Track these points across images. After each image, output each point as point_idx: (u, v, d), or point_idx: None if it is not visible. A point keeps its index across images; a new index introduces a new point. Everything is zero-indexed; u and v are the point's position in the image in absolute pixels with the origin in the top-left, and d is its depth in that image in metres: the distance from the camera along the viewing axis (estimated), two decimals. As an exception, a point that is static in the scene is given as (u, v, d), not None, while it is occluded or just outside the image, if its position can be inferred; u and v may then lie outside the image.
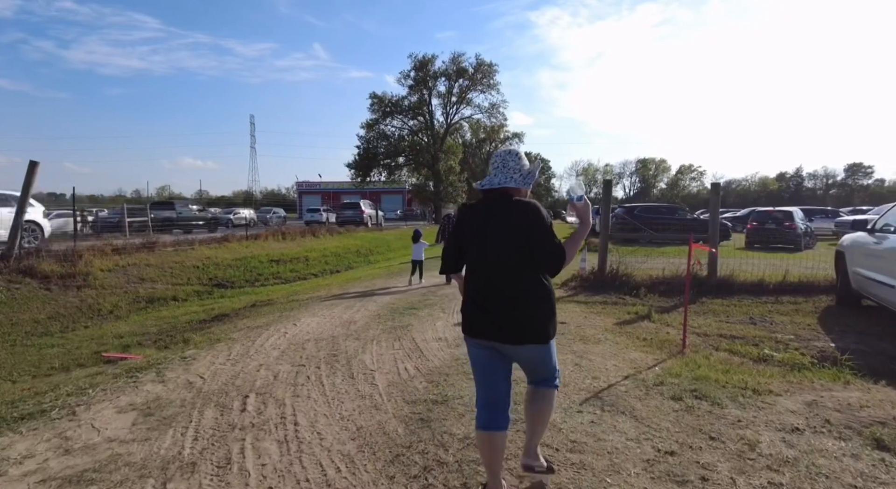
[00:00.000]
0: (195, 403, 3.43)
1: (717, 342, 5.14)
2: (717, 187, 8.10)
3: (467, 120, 46.89)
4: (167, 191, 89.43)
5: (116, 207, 23.55)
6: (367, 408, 3.34)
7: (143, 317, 8.12)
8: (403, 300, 7.39)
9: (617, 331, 5.47)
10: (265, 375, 4.03)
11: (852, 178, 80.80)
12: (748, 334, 5.43)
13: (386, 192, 59.39)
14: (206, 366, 4.27)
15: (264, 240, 16.29)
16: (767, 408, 3.19)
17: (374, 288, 8.98)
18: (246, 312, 7.28)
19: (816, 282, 7.96)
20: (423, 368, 4.12)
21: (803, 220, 18.69)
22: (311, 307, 7.06)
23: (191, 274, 11.16)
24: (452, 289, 8.45)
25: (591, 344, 4.85)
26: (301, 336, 5.27)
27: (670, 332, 5.48)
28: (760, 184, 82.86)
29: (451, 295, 7.86)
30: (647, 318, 6.14)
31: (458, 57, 41.85)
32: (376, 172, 43.64)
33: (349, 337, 5.17)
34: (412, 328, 5.50)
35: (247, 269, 12.35)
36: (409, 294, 8.05)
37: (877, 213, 21.47)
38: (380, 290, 8.61)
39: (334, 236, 20.03)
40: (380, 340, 5.01)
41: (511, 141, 61.51)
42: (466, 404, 3.32)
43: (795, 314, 6.51)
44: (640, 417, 3.09)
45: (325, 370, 4.13)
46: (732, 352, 4.72)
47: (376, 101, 41.91)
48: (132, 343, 5.93)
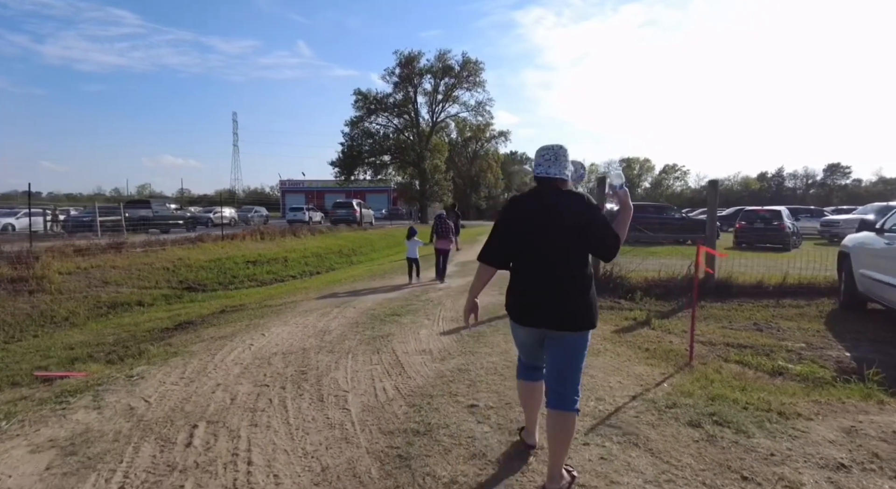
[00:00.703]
0: (131, 437, 2.88)
1: (725, 352, 4.73)
2: (716, 184, 7.73)
3: (453, 118, 46.47)
4: (147, 189, 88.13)
5: (90, 206, 22.62)
6: (336, 440, 2.83)
7: (102, 324, 7.47)
8: (385, 305, 6.87)
9: (617, 341, 5.03)
10: (221, 398, 3.50)
11: (831, 177, 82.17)
12: (756, 342, 5.04)
13: (371, 191, 58.54)
14: (154, 387, 3.72)
15: (241, 240, 15.61)
16: (801, 437, 2.76)
17: (355, 290, 8.45)
18: (213, 319, 6.69)
19: (817, 284, 7.65)
20: (404, 388, 3.62)
21: (790, 219, 18.58)
22: (284, 314, 6.51)
23: (160, 276, 10.49)
24: (440, 293, 7.96)
25: (591, 355, 4.39)
26: (268, 349, 4.73)
27: (673, 341, 5.06)
28: (743, 183, 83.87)
29: (438, 299, 7.38)
30: (647, 325, 5.72)
31: (444, 54, 41.45)
32: (361, 171, 42.89)
33: (322, 349, 4.64)
34: (393, 338, 4.99)
35: (221, 271, 11.70)
36: (391, 298, 7.54)
37: (861, 212, 21.59)
38: (362, 293, 8.08)
39: (316, 236, 19.40)
40: (356, 354, 4.49)
41: (497, 140, 61.34)
42: (453, 435, 2.84)
43: (801, 319, 6.16)
44: (656, 451, 2.63)
45: (291, 391, 3.61)
46: (744, 364, 4.31)
47: (361, 98, 41.23)
48: (82, 356, 5.33)
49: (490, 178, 66.64)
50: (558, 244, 2.22)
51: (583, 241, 2.22)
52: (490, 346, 4.68)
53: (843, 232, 19.73)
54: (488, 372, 3.96)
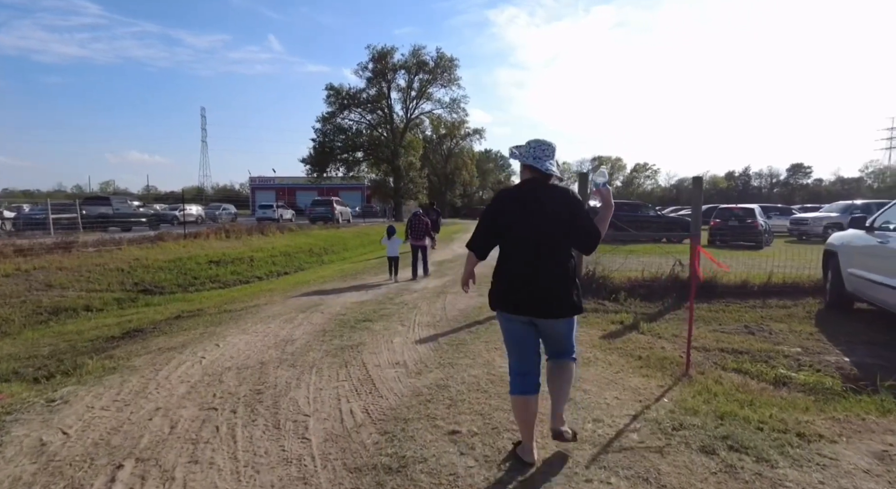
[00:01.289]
0: (33, 485, 2.34)
1: (721, 359, 4.42)
2: (700, 181, 7.48)
3: (428, 115, 45.71)
4: (112, 186, 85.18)
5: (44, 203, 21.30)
6: (291, 482, 2.35)
7: (40, 333, 6.73)
8: (356, 309, 6.37)
9: (606, 348, 4.67)
10: (159, 426, 2.96)
11: (794, 177, 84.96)
12: (752, 347, 4.76)
13: (344, 188, 57.45)
14: (78, 414, 3.15)
15: (205, 238, 14.78)
16: (831, 467, 2.42)
17: (324, 292, 7.91)
18: (166, 326, 6.07)
19: (801, 283, 7.50)
20: (375, 410, 3.16)
21: (762, 217, 18.80)
22: (244, 320, 5.94)
23: (113, 278, 9.69)
24: (415, 295, 7.50)
25: (583, 366, 4.02)
26: (221, 362, 4.18)
27: (666, 347, 4.73)
28: (710, 182, 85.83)
29: (413, 302, 6.92)
30: (636, 329, 5.39)
31: (419, 50, 40.80)
32: (333, 167, 41.86)
33: (283, 363, 4.13)
34: (363, 349, 4.51)
35: (181, 272, 10.93)
36: (363, 301, 7.04)
37: (827, 210, 22.08)
38: (331, 295, 7.54)
39: (285, 234, 18.63)
40: (321, 368, 3.99)
41: (472, 137, 61.00)
42: (432, 471, 2.39)
43: (790, 320, 5.94)
44: (670, 487, 2.25)
45: (243, 416, 3.10)
46: (744, 373, 4.00)
47: (333, 94, 40.22)
48: (5, 372, 4.66)
49: (465, 175, 66.34)
50: (547, 235, 2.31)
51: (566, 233, 2.33)
52: (471, 357, 4.25)
53: (812, 230, 20.20)
54: (470, 388, 3.53)
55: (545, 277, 2.30)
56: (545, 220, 2.31)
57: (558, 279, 2.31)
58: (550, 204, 2.32)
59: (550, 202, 2.32)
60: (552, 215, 2.31)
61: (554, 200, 2.33)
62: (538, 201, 2.33)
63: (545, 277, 2.30)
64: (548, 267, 2.30)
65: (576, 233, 2.33)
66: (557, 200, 2.33)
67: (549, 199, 2.33)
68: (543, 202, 2.33)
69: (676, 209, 33.20)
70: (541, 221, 2.31)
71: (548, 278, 2.30)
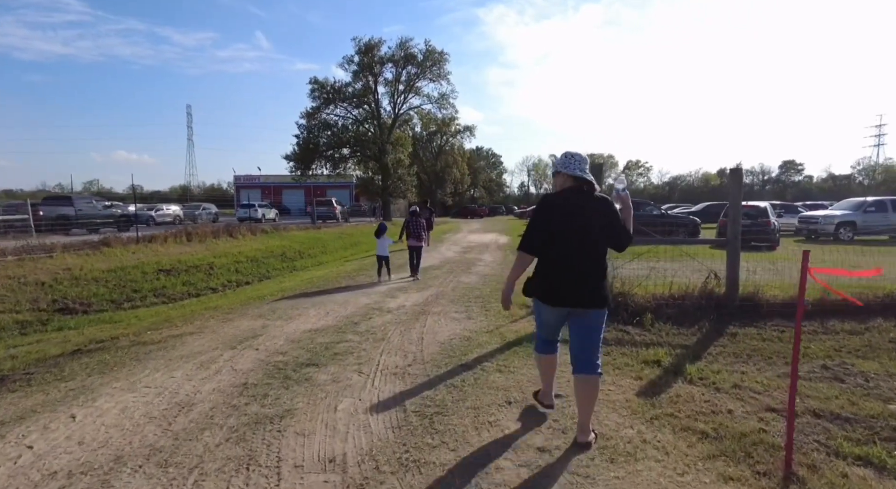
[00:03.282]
0: None
1: (825, 433, 2.96)
2: (740, 174, 6.05)
3: (416, 110, 44.03)
4: (96, 185, 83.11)
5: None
6: None
7: None
8: (304, 343, 4.85)
9: (650, 417, 3.18)
10: None
11: (785, 174, 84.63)
12: (853, 408, 3.30)
13: (332, 187, 55.68)
14: None
15: (163, 242, 13.14)
16: None
17: (274, 313, 6.36)
18: (41, 371, 4.48)
19: (865, 296, 6.08)
20: None
21: (774, 215, 17.56)
22: (148, 362, 4.39)
23: (26, 294, 8.06)
24: (386, 319, 5.99)
25: (622, 459, 2.54)
26: (50, 459, 2.63)
27: (735, 411, 3.26)
28: (703, 179, 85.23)
29: (382, 329, 5.41)
30: (681, 375, 3.92)
31: (407, 43, 39.11)
32: (318, 165, 40.06)
33: (148, 461, 2.58)
34: (289, 427, 2.97)
35: (119, 284, 9.31)
36: (318, 329, 5.52)
37: (837, 207, 20.84)
38: (278, 321, 6.00)
39: (257, 236, 16.99)
40: (205, 475, 2.46)
41: (462, 135, 59.63)
42: None
43: (876, 355, 4.51)
44: None
45: None
46: (879, 469, 2.54)
47: (318, 88, 38.41)
48: None
49: (456, 173, 64.75)
50: (591, 238, 2.63)
51: (606, 235, 2.67)
52: (451, 444, 2.74)
53: (823, 228, 18.92)
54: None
55: (587, 274, 2.63)
56: (588, 225, 2.62)
57: (597, 276, 2.65)
58: (592, 211, 2.64)
59: (592, 210, 2.64)
60: (594, 221, 2.62)
61: (597, 209, 2.65)
62: (582, 208, 2.64)
63: (587, 274, 2.63)
64: (589, 265, 2.63)
65: (613, 235, 2.68)
66: (599, 208, 2.65)
67: (591, 208, 2.64)
68: (586, 209, 2.64)
69: (671, 207, 31.99)
70: (585, 227, 2.62)
71: (588, 275, 2.63)
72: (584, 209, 2.60)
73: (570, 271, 2.60)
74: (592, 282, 2.60)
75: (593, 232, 2.59)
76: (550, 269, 2.64)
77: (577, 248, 2.59)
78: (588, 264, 2.60)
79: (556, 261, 2.64)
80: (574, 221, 2.59)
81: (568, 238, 2.59)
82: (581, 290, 2.59)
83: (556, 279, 2.62)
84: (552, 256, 2.64)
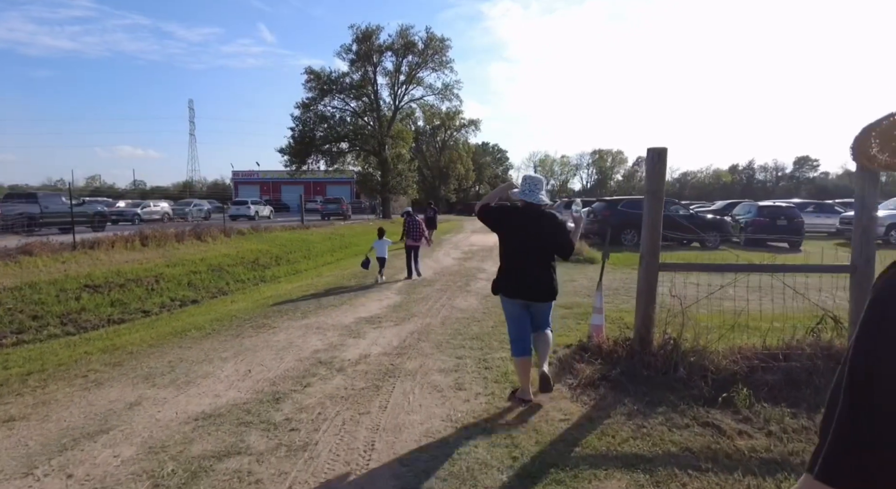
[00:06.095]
0: None
1: None
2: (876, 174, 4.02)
3: (418, 102, 41.86)
4: (98, 181, 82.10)
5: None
6: None
7: None
8: (162, 464, 2.85)
9: None
10: None
11: (800, 170, 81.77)
12: None
13: (331, 182, 53.74)
14: None
15: (108, 248, 11.16)
16: None
17: (167, 375, 4.36)
18: None
19: None
20: None
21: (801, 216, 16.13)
22: None
23: None
24: (333, 385, 3.98)
25: None
26: None
27: None
28: (714, 176, 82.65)
29: (326, 408, 3.42)
30: None
31: (407, 30, 37.00)
32: (314, 159, 38.05)
33: None
34: None
35: (16, 307, 7.32)
36: (218, 407, 3.54)
37: (885, 206, 18.60)
38: (168, 390, 3.99)
39: (231, 238, 15.00)
40: None
41: (468, 129, 57.48)
42: None
43: None
44: None
45: None
46: None
47: (313, 78, 36.38)
48: None
49: (460, 169, 62.59)
50: (539, 244, 3.48)
51: (551, 243, 3.51)
52: None
53: (871, 231, 16.82)
54: None
55: (536, 275, 3.47)
56: (538, 236, 3.47)
57: (545, 276, 3.48)
58: (544, 224, 3.50)
59: (544, 223, 3.50)
60: (542, 233, 3.48)
61: (546, 222, 3.51)
62: (534, 222, 3.50)
63: (536, 275, 3.47)
64: (538, 268, 3.47)
65: (558, 245, 3.53)
66: (548, 222, 3.52)
67: (542, 222, 3.51)
68: (538, 223, 3.50)
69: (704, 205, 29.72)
70: (535, 237, 3.47)
71: (538, 275, 3.47)
72: (535, 224, 3.48)
73: (524, 273, 3.47)
74: (542, 280, 3.48)
75: (542, 242, 3.48)
76: (508, 271, 3.55)
77: (528, 255, 3.47)
78: (538, 267, 3.47)
79: (512, 265, 3.53)
80: (525, 233, 3.48)
81: (521, 246, 3.48)
82: (534, 288, 3.48)
83: (514, 280, 3.51)
84: (509, 262, 3.55)
